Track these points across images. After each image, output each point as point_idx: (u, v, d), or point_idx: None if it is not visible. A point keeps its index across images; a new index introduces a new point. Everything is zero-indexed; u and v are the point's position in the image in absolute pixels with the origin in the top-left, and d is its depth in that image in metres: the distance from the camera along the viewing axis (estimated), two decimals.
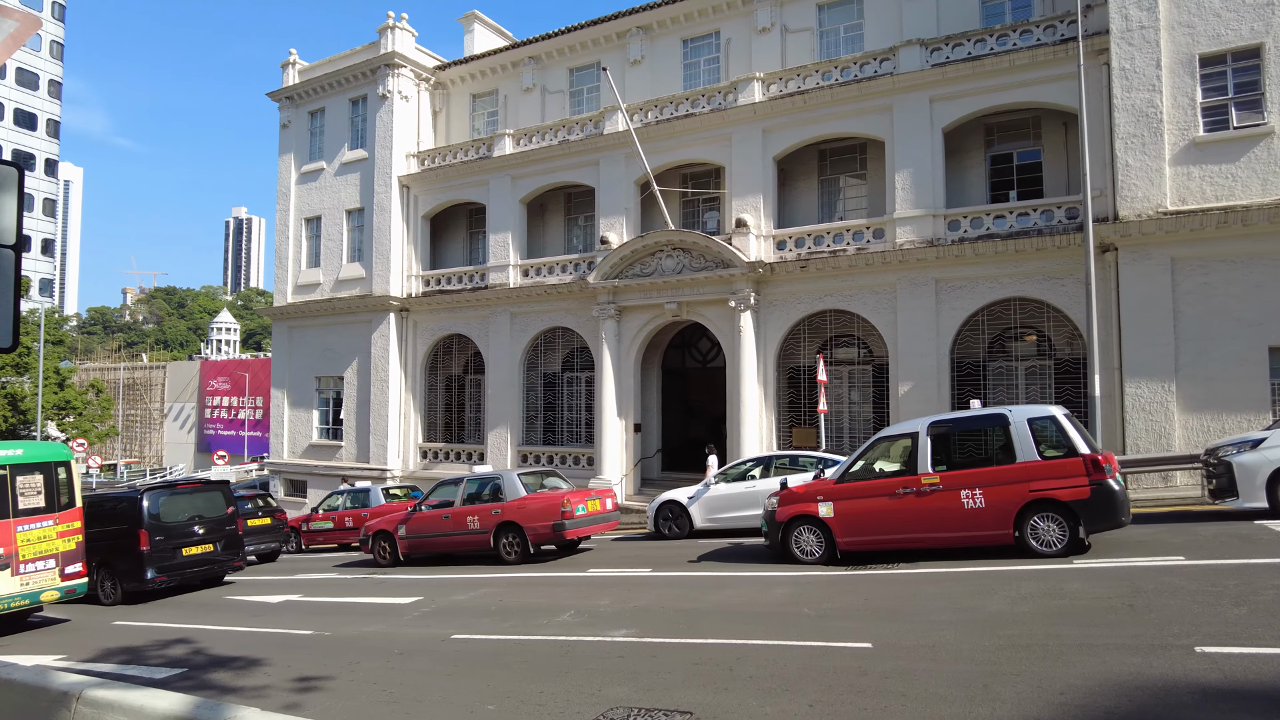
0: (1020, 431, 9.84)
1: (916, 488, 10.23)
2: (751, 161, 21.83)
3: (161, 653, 9.20)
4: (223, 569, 14.77)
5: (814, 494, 11.03)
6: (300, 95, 30.18)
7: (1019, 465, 9.73)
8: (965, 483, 9.99)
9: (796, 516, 11.11)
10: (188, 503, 14.43)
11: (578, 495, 14.46)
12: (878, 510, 10.51)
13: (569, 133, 24.85)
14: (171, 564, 13.64)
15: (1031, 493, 9.56)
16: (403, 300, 27.44)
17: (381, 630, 9.35)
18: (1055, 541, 9.52)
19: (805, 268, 20.63)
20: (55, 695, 3.78)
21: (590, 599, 10.01)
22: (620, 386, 23.13)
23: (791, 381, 21.63)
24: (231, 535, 14.82)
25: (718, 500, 15.66)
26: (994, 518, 9.77)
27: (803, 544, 11.10)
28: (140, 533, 13.42)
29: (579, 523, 14.08)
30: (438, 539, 15.44)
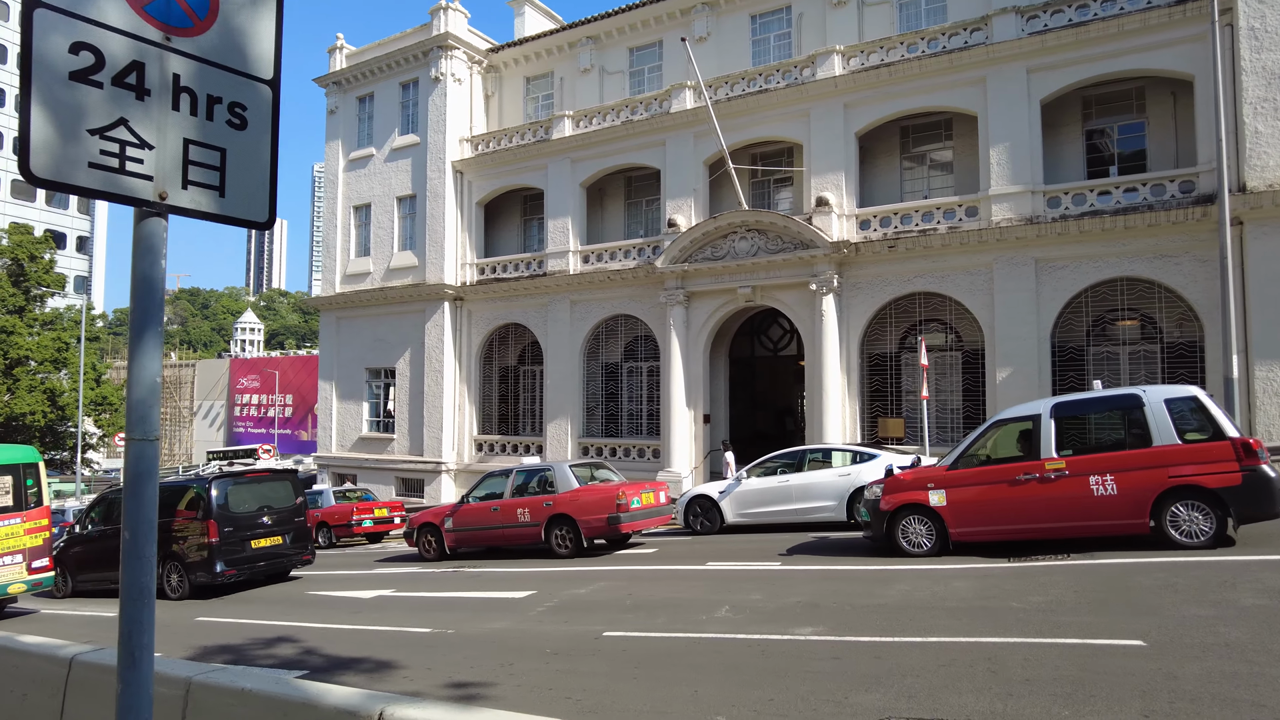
0: (1157, 412, 9.10)
1: (1039, 474, 9.47)
2: (832, 138, 20.77)
3: (268, 652, 8.31)
4: (291, 563, 14.03)
5: (924, 481, 10.32)
6: (348, 80, 29.43)
7: (1156, 449, 9.01)
8: (1095, 468, 9.26)
9: (904, 506, 10.35)
10: (256, 492, 13.71)
11: (632, 488, 13.98)
12: (996, 498, 9.77)
13: (632, 112, 23.89)
14: (240, 557, 12.96)
15: (1171, 479, 8.83)
16: (457, 289, 26.59)
17: (512, 628, 8.41)
18: (1200, 532, 8.75)
19: (894, 248, 19.55)
20: (347, 711, 2.89)
21: (732, 593, 9.03)
22: (689, 375, 22.13)
23: (876, 369, 20.54)
24: (301, 527, 14.11)
25: (750, 495, 15.16)
26: (1127, 506, 9.04)
27: (911, 535, 10.36)
28: (209, 523, 12.70)
29: (634, 515, 13.65)
30: (487, 531, 15.03)
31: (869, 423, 20.37)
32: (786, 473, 14.99)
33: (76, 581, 14.85)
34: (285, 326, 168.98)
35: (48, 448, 45.42)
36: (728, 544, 13.42)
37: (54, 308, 51.31)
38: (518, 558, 14.46)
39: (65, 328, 48.44)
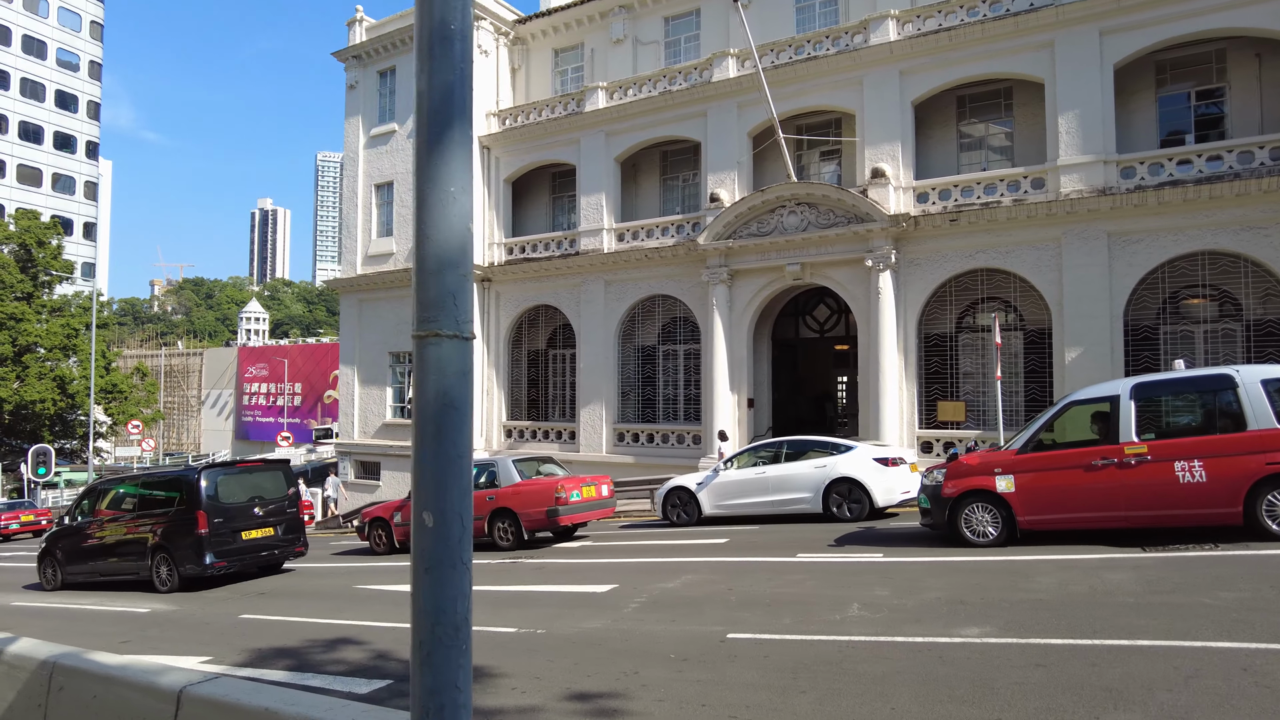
0: (1253, 394, 8.44)
1: (1119, 458, 8.84)
2: (886, 107, 19.71)
3: (334, 656, 7.39)
4: (284, 555, 13.67)
5: (990, 466, 9.68)
6: (368, 54, 28.35)
7: (1252, 434, 8.34)
8: (1181, 453, 8.62)
9: (969, 492, 9.74)
10: (247, 483, 13.35)
11: (572, 482, 14.28)
12: (1070, 485, 9.15)
13: (670, 83, 22.82)
14: (231, 548, 12.66)
15: (1269, 466, 8.18)
16: (485, 269, 25.60)
17: (610, 627, 7.46)
18: None
19: (956, 221, 18.52)
20: None
21: (847, 588, 8.09)
22: (732, 358, 21.15)
23: (934, 349, 19.54)
24: (293, 518, 13.77)
25: (726, 487, 15.04)
26: (1218, 494, 8.39)
27: (975, 523, 9.77)
28: (198, 514, 12.38)
29: (573, 509, 13.97)
30: None
31: (926, 406, 19.39)
32: (764, 465, 14.81)
33: (66, 574, 14.45)
34: (290, 316, 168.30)
35: (57, 436, 44.61)
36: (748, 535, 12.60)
37: (62, 294, 50.40)
38: None
39: (74, 314, 47.54)
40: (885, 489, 13.43)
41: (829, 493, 13.73)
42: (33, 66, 62.61)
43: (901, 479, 13.66)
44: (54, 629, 10.46)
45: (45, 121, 63.40)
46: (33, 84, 62.62)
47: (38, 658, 3.91)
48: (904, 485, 13.64)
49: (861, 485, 13.46)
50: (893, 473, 13.58)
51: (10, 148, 61.20)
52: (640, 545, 13.26)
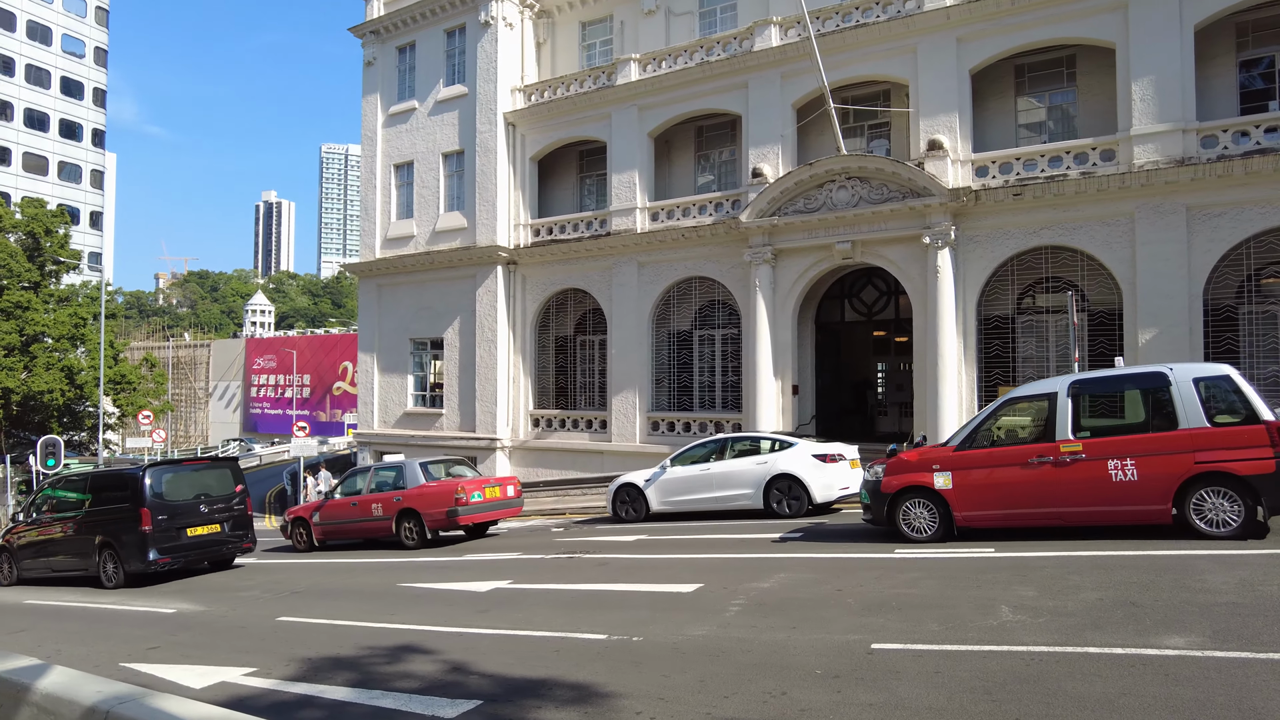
0: (1185, 393, 8.47)
1: (1054, 456, 8.87)
2: (942, 76, 18.59)
3: (400, 668, 6.38)
4: (232, 551, 14.00)
5: (929, 463, 9.70)
6: (387, 29, 27.27)
7: (1182, 432, 8.38)
8: (1114, 451, 8.66)
9: (907, 488, 9.78)
10: (194, 481, 13.73)
11: (474, 484, 14.88)
12: (1006, 482, 9.18)
13: (708, 53, 21.70)
14: (176, 545, 13.00)
15: (1198, 464, 8.24)
16: (510, 251, 24.55)
17: (719, 634, 6.45)
18: (1227, 521, 8.16)
19: (1020, 195, 17.42)
20: None
21: (977, 589, 7.08)
22: (776, 342, 20.09)
23: (994, 332, 18.46)
24: (240, 515, 14.00)
25: (673, 483, 15.22)
26: (1149, 492, 8.46)
27: (912, 519, 9.80)
28: (142, 512, 12.68)
29: (473, 509, 14.61)
30: (347, 525, 16.07)
31: (986, 392, 18.32)
32: (708, 461, 14.97)
33: (21, 570, 14.81)
34: (295, 309, 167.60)
35: (66, 428, 43.73)
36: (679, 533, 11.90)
37: (69, 284, 49.48)
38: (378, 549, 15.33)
39: (81, 304, 46.62)
40: (824, 485, 13.56)
41: (770, 489, 13.90)
42: (38, 53, 61.63)
43: (840, 475, 13.87)
44: (73, 632, 9.50)
45: (51, 109, 62.42)
46: (38, 70, 61.65)
47: (83, 702, 2.86)
48: (843, 481, 13.86)
49: (800, 482, 13.62)
50: (831, 469, 13.74)
51: (16, 135, 60.27)
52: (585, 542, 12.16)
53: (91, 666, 7.46)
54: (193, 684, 6.46)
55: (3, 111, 59.69)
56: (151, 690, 3.09)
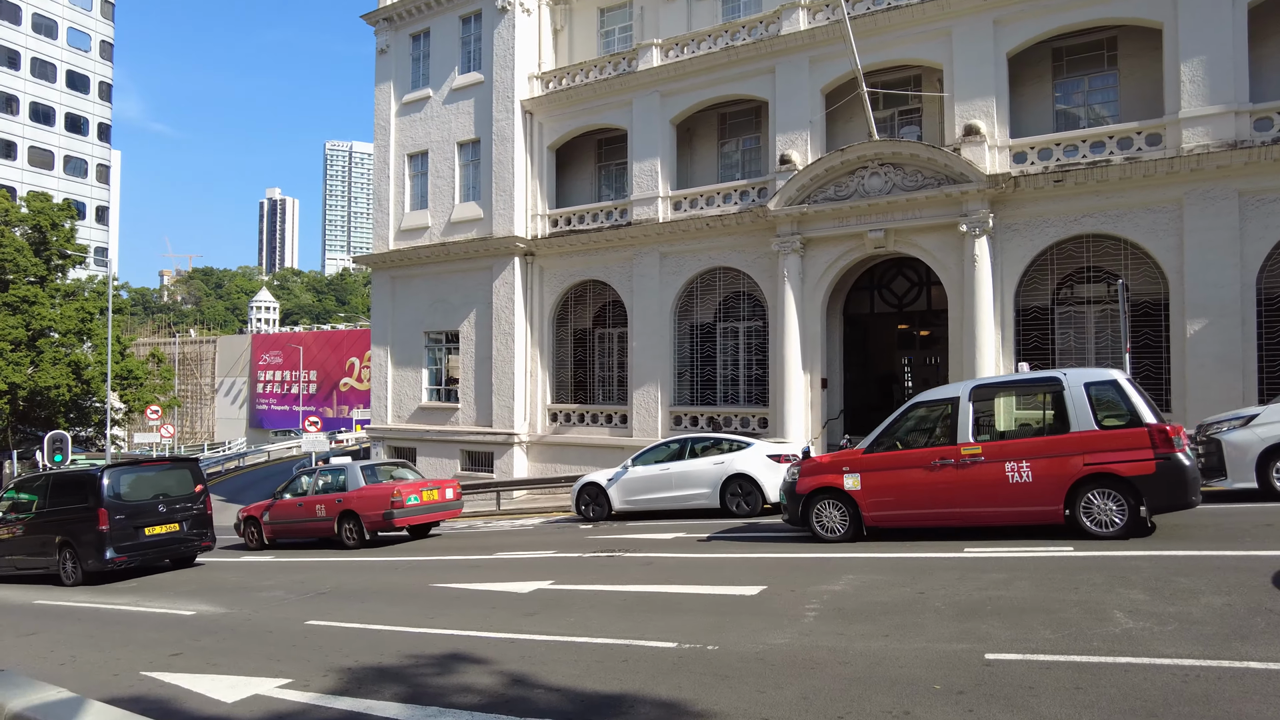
0: (1076, 397, 8.70)
1: (956, 459, 9.11)
2: (978, 59, 17.98)
3: (453, 680, 5.82)
4: (191, 549, 14.23)
5: (840, 464, 10.01)
6: (400, 16, 26.69)
7: (1073, 435, 8.61)
8: (1010, 454, 8.88)
9: (819, 489, 10.08)
10: (152, 481, 13.97)
11: (410, 487, 15.32)
12: (911, 483, 9.42)
13: (733, 38, 21.10)
14: (133, 544, 13.22)
15: (1086, 466, 8.44)
16: (528, 243, 23.97)
17: (804, 643, 5.88)
18: (1113, 521, 8.37)
19: (1061, 182, 16.80)
20: None
21: (1071, 591, 6.49)
22: (805, 334, 19.51)
23: (1033, 323, 17.85)
24: (200, 514, 14.25)
25: (634, 483, 15.50)
26: (1043, 493, 8.68)
27: (825, 519, 10.10)
28: (100, 511, 12.94)
29: (409, 511, 15.07)
30: (294, 524, 16.59)
31: None
32: (668, 461, 15.25)
33: None
34: (299, 305, 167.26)
35: (73, 423, 43.27)
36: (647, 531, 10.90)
37: (75, 278, 49.00)
38: (321, 548, 15.85)
39: (88, 298, 46.14)
40: (776, 485, 13.51)
41: (725, 489, 14.19)
42: (44, 46, 61.13)
43: None
44: (87, 635, 8.95)
45: (57, 103, 61.93)
46: (44, 64, 61.14)
47: None
48: None
49: (755, 481, 13.90)
50: (784, 469, 13.49)
51: (22, 129, 59.80)
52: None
53: (111, 675, 6.92)
54: (223, 697, 5.91)
55: (8, 105, 59.21)
56: None
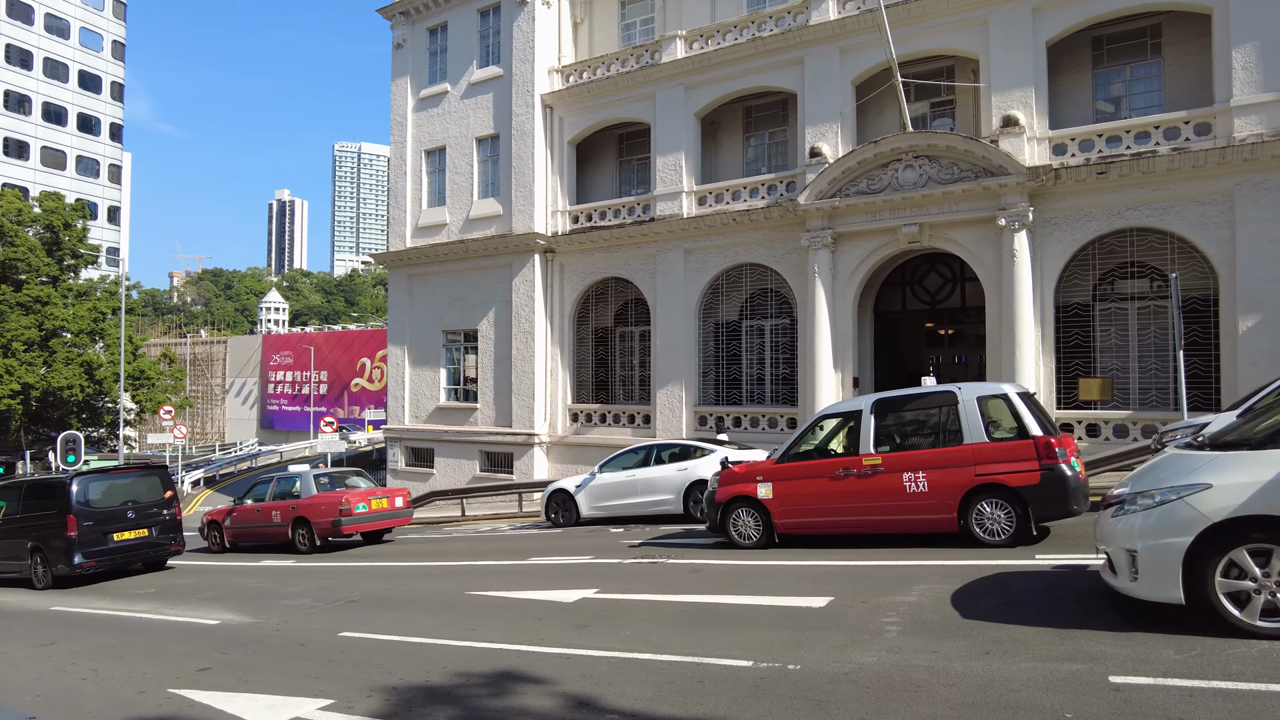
0: (969, 410, 9.11)
1: (858, 469, 9.54)
2: (1016, 48, 17.43)
3: (510, 703, 5.35)
4: (160, 553, 14.54)
5: (754, 474, 10.50)
6: (417, 10, 26.29)
7: (966, 447, 9.00)
8: (908, 465, 9.28)
9: (736, 498, 10.58)
10: (121, 488, 14.28)
11: (359, 495, 15.98)
12: (818, 492, 9.88)
13: (759, 28, 20.60)
14: (101, 549, 13.53)
15: (978, 477, 8.84)
16: (548, 240, 23.52)
17: (901, 661, 5.39)
18: (1002, 530, 8.76)
19: (1104, 174, 16.24)
20: None
21: None
22: (836, 332, 18.99)
23: (1073, 320, 17.29)
24: (169, 520, 14.57)
25: (601, 489, 15.78)
26: (938, 502, 9.06)
27: (740, 527, 10.61)
28: (69, 518, 13.28)
29: (358, 519, 15.73)
30: (253, 529, 17.26)
31: (1065, 384, 17.17)
32: (634, 468, 15.54)
33: None
34: (308, 306, 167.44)
35: (85, 424, 43.07)
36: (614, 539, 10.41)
37: (87, 278, 48.85)
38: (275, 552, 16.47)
39: (100, 298, 45.94)
40: None
41: (689, 494, 14.38)
42: (56, 46, 61.07)
43: None
44: (108, 646, 8.51)
45: (69, 103, 61.85)
46: (56, 64, 61.08)
47: None
48: None
49: None
50: None
51: (34, 129, 59.73)
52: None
53: (136, 693, 6.48)
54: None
55: (21, 106, 59.16)
56: None
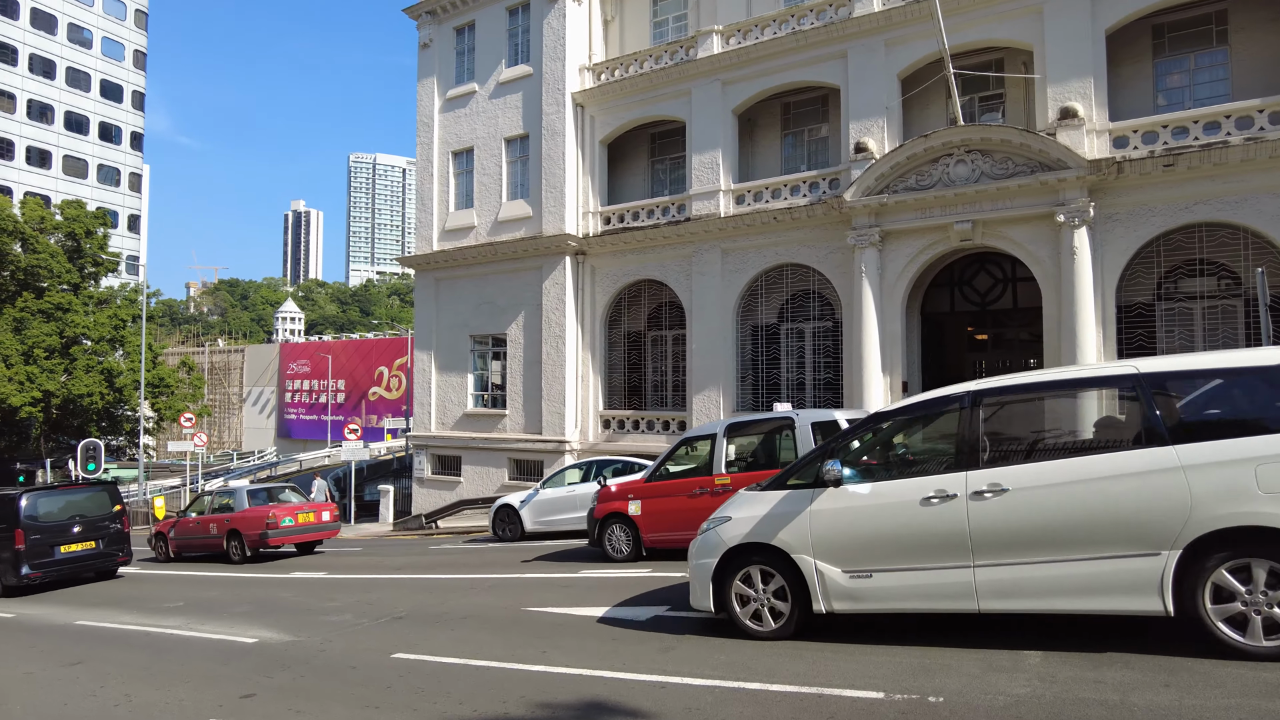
0: (803, 434, 9.98)
1: (710, 488, 10.43)
2: (1074, 37, 16.69)
3: None
4: (108, 563, 15.32)
5: (626, 492, 11.52)
6: (444, 9, 25.83)
7: None
8: (749, 483, 9.32)
9: (611, 514, 11.60)
10: (69, 503, 14.96)
11: (285, 510, 17.10)
12: (677, 509, 10.77)
13: (799, 22, 19.97)
14: (48, 561, 14.18)
15: None
16: (579, 242, 22.91)
17: (1054, 693, 4.65)
18: None
19: (1171, 166, 15.45)
20: None
21: None
22: (884, 334, 18.24)
23: (1138, 320, 16.47)
24: (116, 533, 15.28)
25: (544, 504, 16.29)
26: None
27: (614, 541, 11.60)
28: (16, 532, 13.88)
29: (283, 532, 16.80)
30: (194, 540, 18.20)
31: None
32: (575, 484, 16.02)
33: None
34: (323, 316, 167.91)
35: (104, 432, 42.77)
36: None
37: (108, 286, 48.72)
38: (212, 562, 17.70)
39: (120, 306, 45.75)
40: None
41: None
42: (79, 55, 61.31)
43: None
44: (140, 666, 7.87)
45: (91, 112, 62.03)
46: (78, 73, 61.30)
47: None
48: None
49: None
50: None
51: (57, 138, 59.90)
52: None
53: None
54: None
55: (44, 115, 59.36)
56: None
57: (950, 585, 5.47)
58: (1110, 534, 4.98)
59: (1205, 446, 4.84)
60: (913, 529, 5.59)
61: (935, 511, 5.49)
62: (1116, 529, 4.96)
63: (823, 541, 5.93)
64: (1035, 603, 5.23)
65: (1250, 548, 4.61)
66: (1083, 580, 5.04)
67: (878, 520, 5.75)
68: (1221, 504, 4.67)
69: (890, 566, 5.69)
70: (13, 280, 41.92)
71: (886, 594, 5.73)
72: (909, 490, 5.68)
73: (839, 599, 5.89)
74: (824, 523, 5.94)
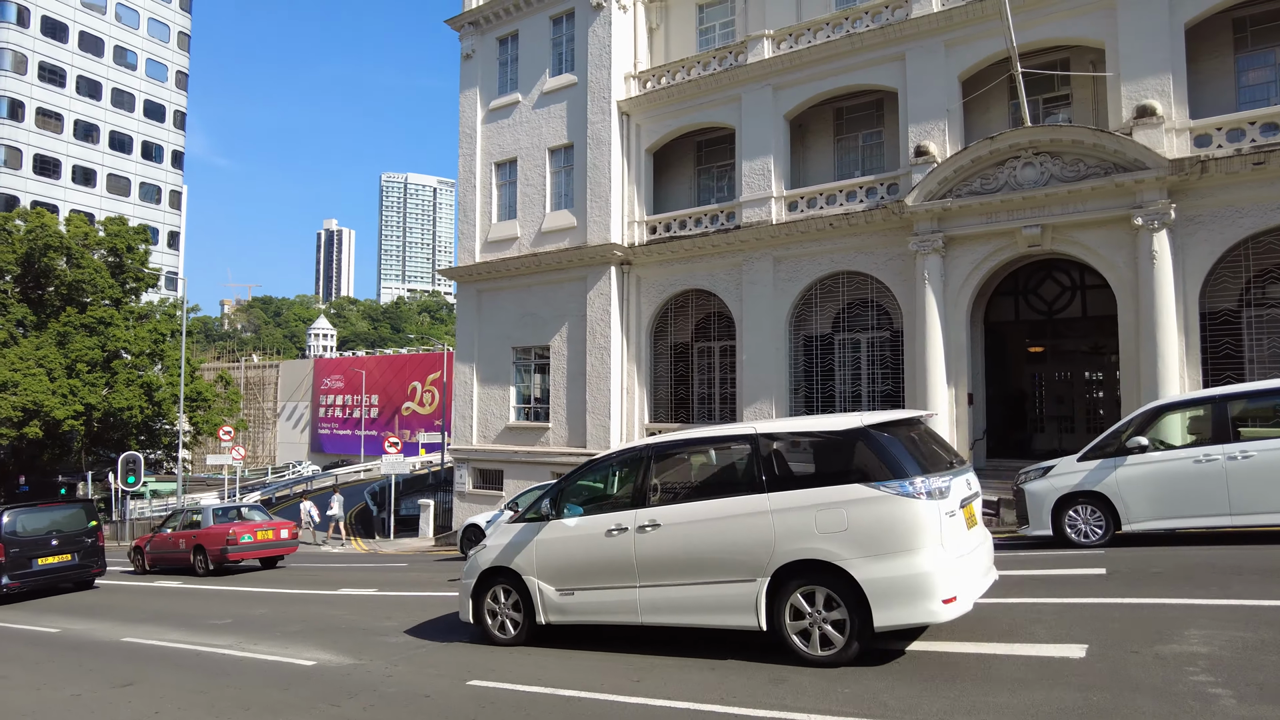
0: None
1: None
2: (1150, 31, 15.95)
3: None
4: (84, 574, 16.31)
5: None
6: (487, 19, 25.68)
7: None
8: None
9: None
10: (47, 519, 16.03)
11: (245, 527, 18.32)
12: None
13: (853, 24, 19.42)
14: (26, 572, 15.20)
15: None
16: (625, 251, 22.45)
17: None
18: None
19: (1263, 164, 14.60)
20: None
21: None
22: (949, 344, 17.49)
23: (1221, 329, 15.57)
24: (91, 546, 16.28)
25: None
26: None
27: None
28: None
29: (243, 548, 18.02)
30: (166, 554, 19.47)
31: None
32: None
33: None
34: (355, 333, 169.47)
35: (143, 445, 43.03)
36: None
37: (147, 301, 49.27)
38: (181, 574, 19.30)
39: (160, 320, 46.18)
40: None
41: None
42: (123, 76, 62.54)
43: None
44: (195, 691, 7.37)
45: (134, 131, 63.14)
46: (122, 94, 62.49)
47: None
48: None
49: None
50: None
51: (101, 157, 61.01)
52: None
53: None
54: None
55: (89, 134, 60.53)
56: None
57: (623, 602, 6.83)
58: (727, 563, 6.26)
59: (786, 495, 6.13)
60: (599, 555, 6.96)
61: (614, 541, 6.87)
62: (731, 559, 6.23)
63: (544, 565, 7.35)
64: (676, 618, 6.58)
65: (814, 576, 5.89)
66: (708, 600, 6.35)
67: (578, 548, 7.16)
68: (793, 541, 5.97)
69: (586, 586, 7.10)
70: (57, 295, 42.48)
71: (583, 608, 7.12)
72: (600, 524, 7.01)
73: (553, 612, 7.34)
74: (544, 550, 7.35)
